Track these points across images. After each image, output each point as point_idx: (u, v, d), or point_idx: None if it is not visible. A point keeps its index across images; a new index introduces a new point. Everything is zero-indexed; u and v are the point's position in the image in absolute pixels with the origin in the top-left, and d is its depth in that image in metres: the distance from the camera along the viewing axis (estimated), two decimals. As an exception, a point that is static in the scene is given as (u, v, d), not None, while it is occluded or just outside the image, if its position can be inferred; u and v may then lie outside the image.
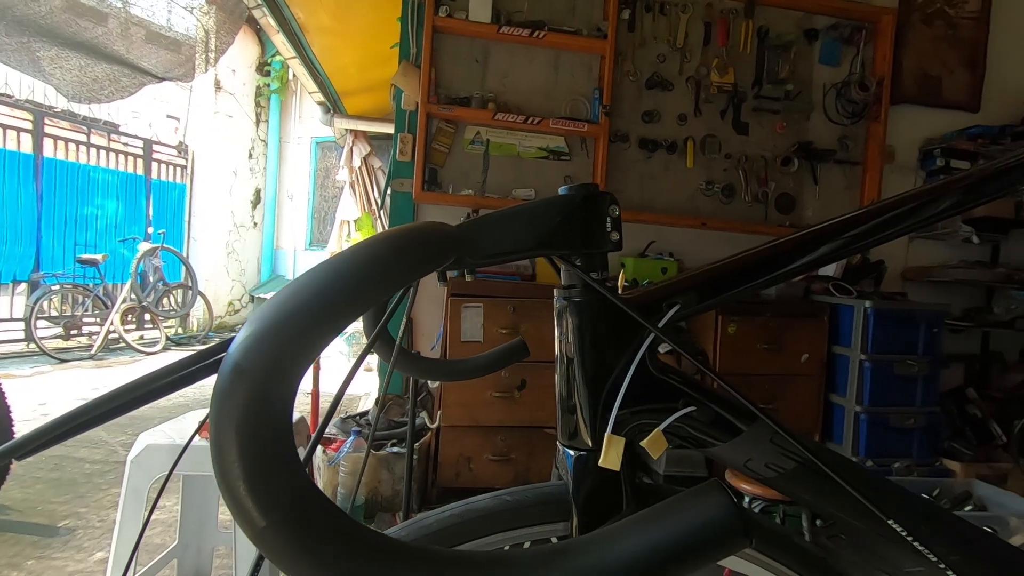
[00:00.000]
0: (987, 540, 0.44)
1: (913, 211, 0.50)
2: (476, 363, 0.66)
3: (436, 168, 2.50)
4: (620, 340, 0.44)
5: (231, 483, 0.19)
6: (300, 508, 0.20)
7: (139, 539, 0.51)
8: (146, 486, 1.28)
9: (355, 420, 2.31)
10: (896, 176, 2.73)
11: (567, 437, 0.45)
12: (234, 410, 0.19)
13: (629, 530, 0.22)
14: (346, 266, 0.20)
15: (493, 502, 0.44)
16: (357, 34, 3.54)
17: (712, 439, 0.45)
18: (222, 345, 0.32)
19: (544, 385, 2.13)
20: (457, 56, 2.50)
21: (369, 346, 0.44)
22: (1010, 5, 2.79)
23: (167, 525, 1.90)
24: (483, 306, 2.10)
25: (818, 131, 2.70)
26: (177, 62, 4.81)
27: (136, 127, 5.78)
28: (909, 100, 2.74)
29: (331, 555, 0.20)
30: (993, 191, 0.51)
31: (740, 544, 0.21)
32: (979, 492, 2.03)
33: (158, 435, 1.35)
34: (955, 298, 2.74)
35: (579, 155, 2.58)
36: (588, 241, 0.43)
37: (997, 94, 2.81)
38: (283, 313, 0.20)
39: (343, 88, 4.68)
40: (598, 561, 0.21)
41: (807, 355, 2.29)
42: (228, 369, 0.19)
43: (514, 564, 0.21)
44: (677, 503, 0.22)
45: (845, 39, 2.68)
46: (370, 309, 0.19)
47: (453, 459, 2.11)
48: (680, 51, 2.59)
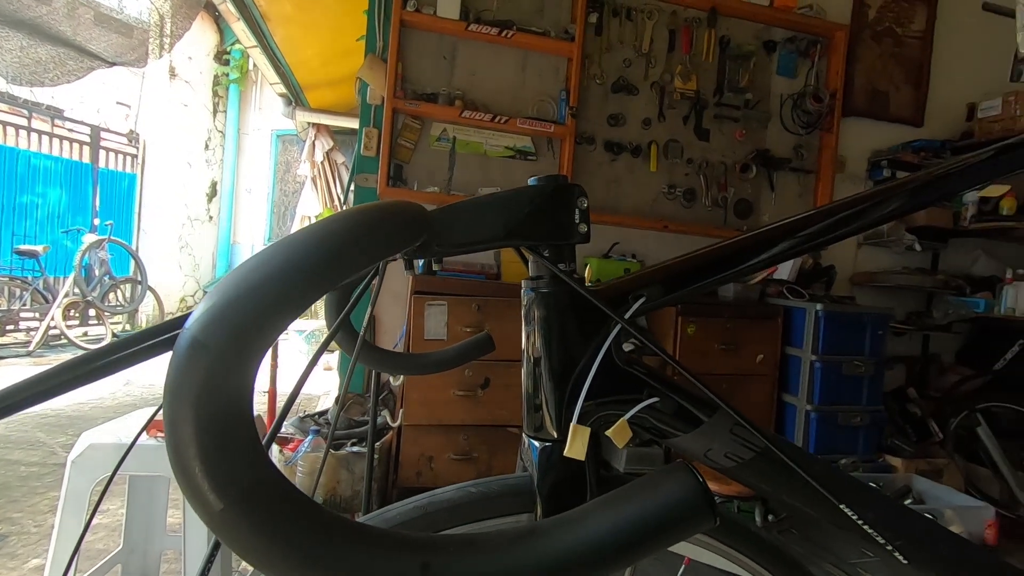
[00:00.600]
0: (929, 527, 0.46)
1: (860, 213, 0.52)
2: (441, 357, 0.65)
3: (402, 164, 2.47)
4: (587, 331, 0.44)
5: (186, 463, 0.18)
6: (260, 490, 0.19)
7: (79, 542, 0.48)
8: (88, 488, 1.22)
9: (314, 419, 2.26)
10: (847, 185, 2.86)
11: (532, 428, 0.45)
12: (191, 386, 0.18)
13: (598, 510, 0.22)
14: (314, 239, 0.19)
15: (458, 493, 0.44)
16: (321, 25, 3.46)
17: (674, 430, 0.46)
18: (178, 320, 0.30)
19: (508, 384, 2.13)
20: (425, 52, 2.48)
21: (332, 335, 0.43)
22: (951, 27, 2.96)
23: (111, 529, 1.81)
24: (447, 304, 2.08)
25: (775, 140, 2.80)
26: (129, 46, 4.59)
27: (83, 113, 5.49)
28: (859, 113, 2.87)
29: (293, 539, 0.19)
30: (930, 197, 0.55)
31: (707, 523, 0.21)
32: (918, 486, 2.14)
33: (102, 434, 1.28)
34: (899, 302, 2.88)
35: (545, 156, 2.59)
36: (556, 232, 0.43)
37: (939, 110, 2.97)
38: (246, 286, 0.19)
39: (306, 80, 4.57)
40: (568, 540, 0.21)
41: (762, 355, 2.36)
42: (185, 344, 0.18)
43: (483, 545, 0.21)
44: (646, 483, 0.22)
45: (801, 52, 2.79)
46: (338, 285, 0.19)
47: (414, 458, 2.09)
48: (645, 57, 2.64)
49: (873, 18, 2.89)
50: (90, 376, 0.28)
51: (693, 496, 0.22)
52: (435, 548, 0.20)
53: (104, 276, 5.15)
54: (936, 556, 0.40)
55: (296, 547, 0.19)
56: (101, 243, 5.09)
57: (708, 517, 0.22)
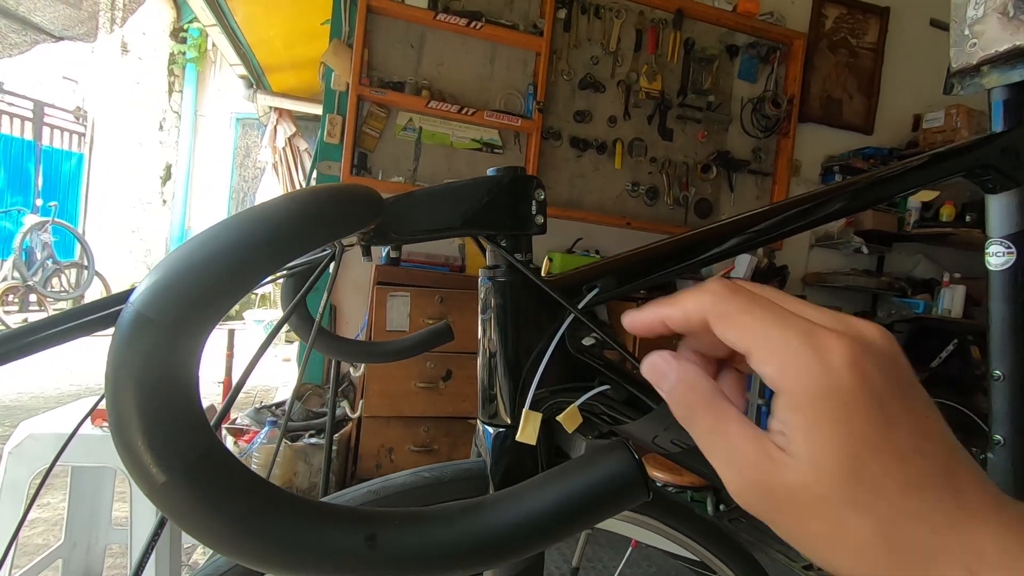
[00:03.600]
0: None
1: (806, 211, 0.55)
2: (399, 345, 0.65)
3: (366, 152, 2.44)
4: (541, 320, 0.45)
5: (128, 438, 0.18)
6: (204, 463, 0.19)
7: (15, 534, 0.47)
8: (27, 479, 1.16)
9: (270, 410, 2.21)
10: (801, 188, 2.97)
11: (487, 415, 0.45)
12: (134, 360, 0.18)
13: (541, 484, 0.23)
14: (265, 215, 0.19)
15: (411, 478, 0.44)
16: (284, 6, 3.36)
17: (624, 416, 0.47)
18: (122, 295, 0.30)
19: (471, 376, 2.13)
20: (392, 39, 2.44)
21: (284, 318, 0.43)
22: (901, 41, 3.10)
23: (51, 524, 1.74)
24: (410, 295, 2.07)
25: (735, 142, 2.88)
26: (78, 19, 4.37)
27: (25, 86, 5.18)
28: (814, 119, 2.98)
29: (237, 512, 0.19)
30: (870, 198, 0.58)
31: (641, 495, 0.23)
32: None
33: (42, 423, 1.22)
34: (847, 302, 3.02)
35: (512, 149, 2.60)
36: (513, 223, 0.44)
37: (888, 120, 3.11)
38: (193, 261, 0.19)
39: (267, 63, 4.43)
40: (511, 512, 0.22)
41: (717, 351, 2.44)
42: (129, 318, 0.18)
43: (429, 518, 0.21)
44: (585, 459, 0.23)
45: (762, 58, 2.87)
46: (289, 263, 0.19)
47: (374, 450, 2.08)
48: (613, 55, 2.67)
49: (829, 28, 3.00)
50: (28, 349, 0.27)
51: (629, 470, 0.23)
52: (381, 520, 0.21)
53: (47, 260, 4.89)
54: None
55: (240, 520, 0.19)
56: (44, 225, 4.83)
57: (642, 490, 0.23)
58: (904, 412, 0.20)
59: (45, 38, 4.15)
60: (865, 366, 0.20)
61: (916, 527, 0.18)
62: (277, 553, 0.20)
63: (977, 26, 0.53)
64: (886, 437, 0.19)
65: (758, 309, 0.21)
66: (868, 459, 0.19)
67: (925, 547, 0.18)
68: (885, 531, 0.19)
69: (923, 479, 0.19)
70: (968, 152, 0.58)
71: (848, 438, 0.19)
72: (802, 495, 0.20)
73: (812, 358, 0.20)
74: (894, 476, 0.19)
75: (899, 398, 0.20)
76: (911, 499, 0.19)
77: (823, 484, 0.19)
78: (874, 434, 0.19)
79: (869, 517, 0.19)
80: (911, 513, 0.18)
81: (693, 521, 0.53)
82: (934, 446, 0.19)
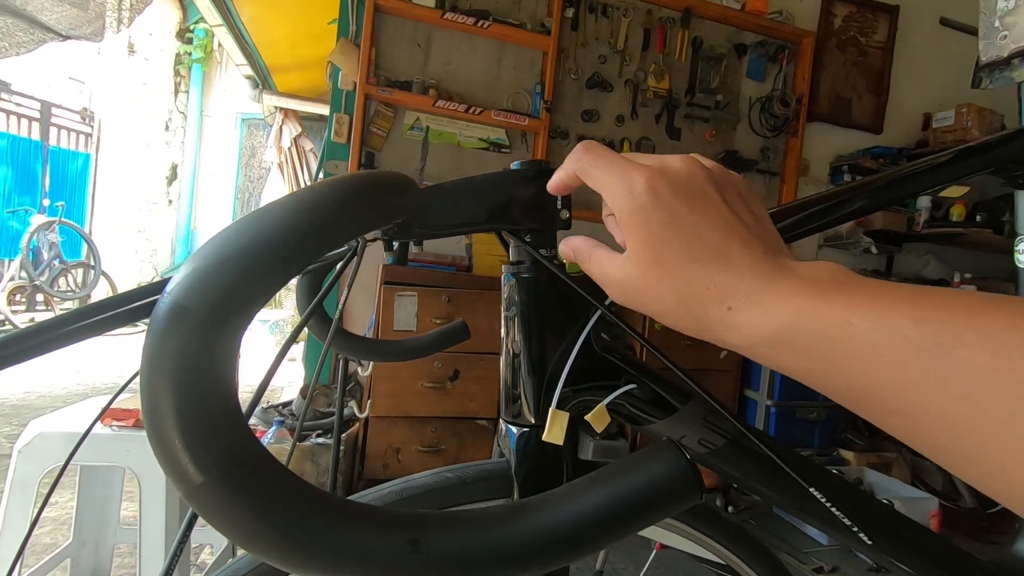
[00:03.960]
0: (887, 511, 0.48)
1: (829, 209, 0.55)
2: (415, 344, 0.64)
3: (373, 152, 2.43)
4: (567, 318, 0.44)
5: (164, 436, 0.17)
6: (243, 463, 0.18)
7: (28, 534, 0.46)
8: (36, 479, 1.16)
9: (277, 410, 2.21)
10: (810, 188, 2.95)
11: (511, 414, 0.44)
12: (171, 353, 0.17)
13: (588, 486, 0.22)
14: (305, 203, 0.18)
15: (434, 478, 0.44)
16: (291, 6, 3.36)
17: (650, 416, 0.46)
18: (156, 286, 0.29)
19: (477, 376, 2.12)
20: (399, 38, 2.44)
21: (307, 317, 0.42)
22: (911, 39, 3.08)
23: (59, 523, 1.74)
24: (417, 295, 2.06)
25: (743, 141, 2.86)
26: (84, 19, 4.37)
27: (32, 87, 5.20)
28: (823, 119, 2.96)
29: (277, 514, 0.18)
30: (895, 195, 0.57)
31: (694, 498, 0.22)
32: (869, 478, 2.23)
33: (51, 422, 1.22)
34: (855, 303, 2.99)
35: (519, 149, 2.59)
36: (538, 218, 0.43)
37: (897, 119, 3.09)
38: (231, 250, 0.18)
39: (273, 63, 4.44)
40: (558, 515, 0.21)
41: (725, 352, 2.42)
42: (165, 309, 0.17)
43: (472, 521, 0.21)
44: (634, 460, 0.22)
45: (770, 56, 2.86)
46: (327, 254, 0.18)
47: (381, 450, 2.07)
48: (620, 54, 2.66)
49: (839, 27, 2.98)
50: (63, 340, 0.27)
51: (681, 472, 0.22)
52: (424, 523, 0.20)
53: (54, 260, 4.91)
54: (897, 537, 0.42)
55: (280, 522, 0.18)
56: (51, 225, 4.85)
57: (695, 492, 0.22)
58: (689, 212, 0.27)
59: (52, 37, 4.15)
60: (657, 186, 0.28)
61: (696, 286, 0.26)
62: (318, 556, 0.19)
63: (1008, 18, 0.52)
64: (673, 232, 0.27)
65: (601, 161, 0.30)
66: (662, 248, 0.27)
67: (702, 298, 0.26)
68: (677, 293, 0.27)
69: (701, 255, 0.27)
70: (998, 146, 0.57)
71: (648, 237, 0.27)
72: (637, 282, 0.28)
73: (624, 188, 0.28)
74: (681, 256, 0.27)
75: (686, 203, 0.27)
76: (692, 269, 0.27)
77: (640, 271, 0.28)
78: (664, 231, 0.27)
79: (666, 285, 0.27)
80: (693, 279, 0.26)
81: (718, 523, 0.51)
82: (713, 231, 0.27)
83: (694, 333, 0.28)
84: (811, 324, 0.23)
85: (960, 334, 0.19)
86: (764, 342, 0.24)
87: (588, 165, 0.30)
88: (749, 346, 0.25)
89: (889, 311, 0.21)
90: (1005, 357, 0.18)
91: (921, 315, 0.20)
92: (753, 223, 0.28)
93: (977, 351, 0.18)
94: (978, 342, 0.18)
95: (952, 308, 0.20)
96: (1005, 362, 0.17)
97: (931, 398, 0.19)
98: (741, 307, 0.25)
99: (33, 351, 0.26)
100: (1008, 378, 0.17)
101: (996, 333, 0.18)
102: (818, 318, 0.22)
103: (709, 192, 0.28)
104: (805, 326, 0.23)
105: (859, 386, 0.21)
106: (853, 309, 0.22)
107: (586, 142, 0.32)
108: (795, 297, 0.24)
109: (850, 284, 0.24)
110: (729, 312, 0.25)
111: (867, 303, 0.22)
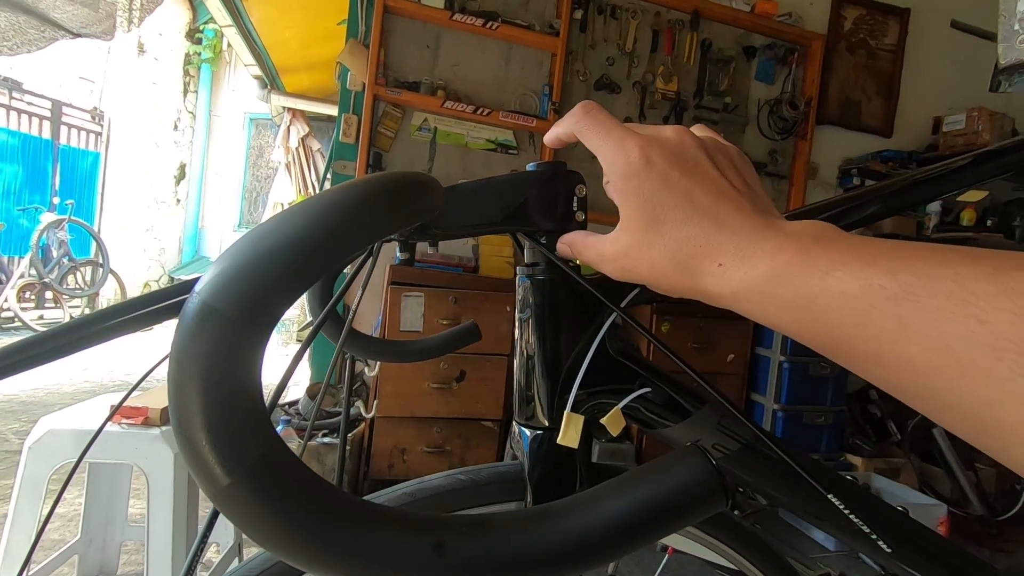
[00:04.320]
0: (902, 518, 0.47)
1: (845, 212, 0.54)
2: (426, 345, 0.64)
3: (381, 152, 2.44)
4: (582, 320, 0.44)
5: (192, 436, 0.17)
6: (269, 465, 0.18)
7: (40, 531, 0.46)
8: (46, 475, 1.17)
9: (283, 409, 2.22)
10: (819, 191, 2.94)
11: (524, 416, 0.44)
12: (200, 354, 0.17)
13: (613, 491, 0.21)
14: (332, 204, 0.18)
15: (447, 480, 0.43)
16: (300, 7, 3.38)
17: (664, 420, 0.46)
18: (185, 285, 0.29)
19: (483, 377, 2.12)
20: (408, 39, 2.44)
21: (324, 318, 0.42)
22: (921, 42, 3.06)
23: (67, 519, 1.75)
24: (424, 296, 2.07)
25: (752, 144, 2.85)
26: (95, 18, 4.40)
27: (43, 86, 5.25)
28: (832, 122, 2.95)
29: (302, 516, 0.18)
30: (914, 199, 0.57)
31: (720, 504, 0.21)
32: (876, 484, 2.22)
33: (61, 420, 1.23)
34: (863, 307, 2.97)
35: (527, 150, 2.59)
36: (554, 219, 0.43)
37: (907, 122, 3.07)
38: (260, 251, 0.18)
39: (282, 64, 4.46)
40: (583, 521, 0.20)
41: (732, 355, 2.41)
42: (194, 308, 0.17)
43: (497, 525, 0.20)
44: (659, 465, 0.22)
45: (779, 59, 2.84)
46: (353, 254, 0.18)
47: (387, 450, 2.07)
48: (629, 56, 2.65)
49: (848, 29, 2.97)
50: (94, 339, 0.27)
51: (707, 477, 0.22)
52: (448, 527, 0.20)
53: (63, 257, 4.95)
54: (914, 545, 0.42)
55: (305, 524, 0.18)
56: (60, 223, 4.89)
57: (721, 498, 0.22)
58: (681, 176, 0.28)
59: (63, 35, 4.18)
60: (650, 154, 0.29)
61: (689, 246, 0.27)
62: (343, 558, 0.19)
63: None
64: (666, 196, 0.28)
65: (598, 126, 0.31)
66: (655, 211, 0.28)
67: (694, 257, 0.27)
68: (671, 252, 0.28)
69: (692, 216, 0.28)
70: (1016, 151, 0.56)
71: (641, 201, 0.29)
72: (631, 249, 0.29)
73: (619, 155, 0.29)
74: (673, 218, 0.28)
75: (677, 169, 0.28)
76: (685, 230, 0.28)
77: (634, 237, 0.29)
78: (656, 195, 0.28)
79: (660, 246, 0.28)
80: (685, 238, 0.28)
81: (731, 528, 0.51)
82: (705, 195, 0.28)
83: (687, 292, 0.29)
84: (794, 277, 0.24)
85: (934, 285, 0.19)
86: (750, 295, 0.26)
87: (585, 128, 0.31)
88: (735, 299, 0.27)
89: (869, 265, 0.22)
90: (975, 305, 0.18)
91: (898, 266, 0.21)
92: (744, 187, 0.29)
93: (949, 300, 0.19)
94: (951, 291, 0.19)
95: (929, 259, 0.20)
96: (975, 310, 0.18)
97: (906, 347, 0.20)
98: (731, 262, 0.26)
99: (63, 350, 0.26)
100: (982, 328, 0.18)
101: (966, 282, 0.19)
102: (801, 271, 0.23)
103: (700, 159, 0.29)
104: (789, 279, 0.24)
105: (840, 335, 0.22)
106: (835, 263, 0.23)
107: (586, 102, 0.32)
108: (781, 252, 0.25)
109: (835, 240, 0.24)
110: (720, 268, 0.26)
111: (849, 257, 0.22)
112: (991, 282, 0.18)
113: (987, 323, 0.18)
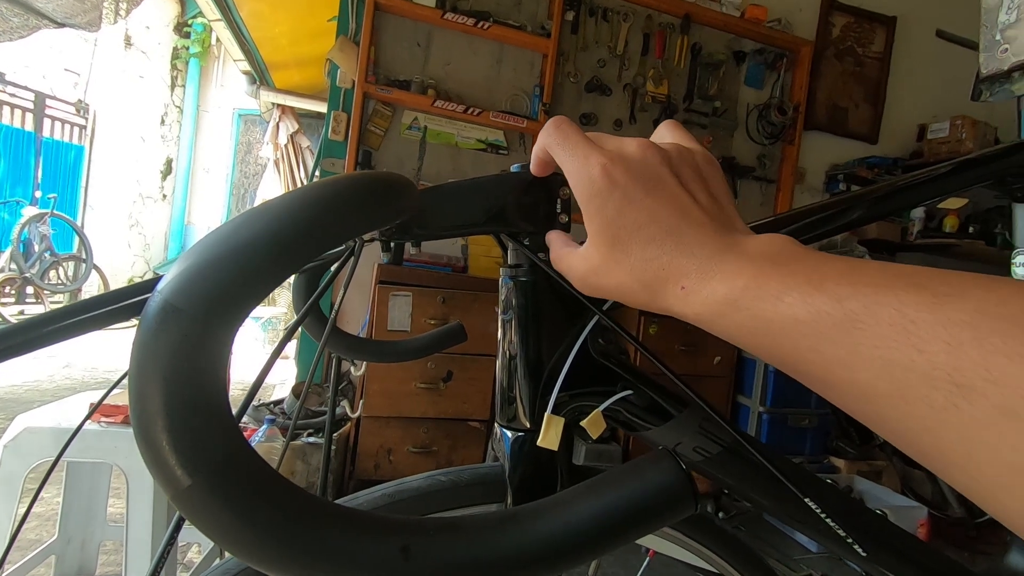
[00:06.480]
0: (880, 522, 0.48)
1: (828, 218, 0.55)
2: (411, 345, 0.64)
3: (370, 151, 2.43)
4: (564, 322, 0.44)
5: (152, 436, 0.17)
6: (231, 466, 0.18)
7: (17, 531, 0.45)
8: (22, 475, 1.15)
9: (268, 408, 2.20)
10: (805, 196, 2.96)
11: (506, 418, 0.44)
12: (161, 353, 0.17)
13: (582, 495, 0.21)
14: (301, 202, 0.18)
15: (427, 481, 0.43)
16: (291, 3, 3.35)
17: (645, 423, 0.46)
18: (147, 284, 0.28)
19: (471, 378, 2.12)
20: (399, 37, 2.43)
21: (302, 316, 0.41)
22: (907, 51, 3.10)
23: (44, 519, 1.72)
24: (412, 295, 2.06)
25: (740, 148, 2.88)
26: (80, 9, 4.33)
27: (27, 78, 5.16)
28: (819, 127, 2.98)
29: (266, 517, 0.18)
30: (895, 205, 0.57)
31: (688, 509, 0.21)
32: (859, 487, 2.24)
33: (38, 417, 1.20)
34: (848, 311, 3.01)
35: (517, 150, 2.58)
36: (538, 221, 0.43)
37: (892, 129, 3.11)
38: (225, 249, 0.17)
39: (272, 59, 4.42)
40: (552, 524, 0.20)
41: (719, 358, 2.43)
42: (156, 308, 0.17)
43: (465, 528, 0.20)
44: (629, 469, 0.22)
45: (769, 64, 2.87)
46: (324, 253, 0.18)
47: (373, 450, 2.06)
48: (620, 58, 2.66)
49: (836, 36, 3.00)
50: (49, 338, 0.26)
51: (677, 482, 0.21)
52: (416, 530, 0.20)
53: (45, 252, 4.86)
54: (890, 549, 0.42)
55: (269, 526, 0.18)
56: (42, 217, 4.81)
57: (690, 503, 0.22)
58: (644, 195, 0.28)
59: (47, 24, 4.10)
60: (613, 172, 0.28)
61: (653, 267, 0.27)
62: (306, 562, 0.18)
63: (1009, 31, 0.52)
64: (629, 216, 0.28)
65: (565, 140, 0.31)
66: (619, 232, 0.28)
67: (658, 279, 0.27)
68: (637, 273, 0.28)
69: (655, 236, 0.27)
70: (998, 159, 0.57)
71: (605, 221, 0.28)
72: (598, 267, 0.30)
73: (583, 173, 0.29)
74: (636, 238, 0.28)
75: (640, 187, 0.28)
76: (648, 250, 0.27)
77: (600, 256, 0.29)
78: (620, 216, 0.28)
79: (625, 266, 0.28)
80: (649, 259, 0.27)
81: (711, 531, 0.51)
82: (668, 214, 0.28)
83: (655, 309, 0.29)
84: (750, 302, 0.24)
85: (879, 312, 0.19)
86: (712, 317, 0.26)
87: (554, 143, 0.31)
88: (699, 320, 0.27)
89: (818, 290, 0.22)
90: (915, 335, 0.18)
91: (846, 292, 0.21)
92: (708, 202, 0.29)
93: (892, 328, 0.19)
94: (893, 320, 0.19)
95: (876, 284, 0.20)
96: (915, 339, 0.18)
97: (855, 373, 0.20)
98: (692, 285, 0.26)
99: (21, 348, 0.26)
100: (920, 357, 0.18)
101: (907, 310, 0.19)
102: (757, 295, 0.24)
103: (664, 175, 0.29)
104: (745, 303, 0.24)
105: (796, 359, 0.23)
106: (787, 287, 0.23)
107: (556, 118, 0.32)
108: (738, 276, 0.25)
109: (789, 261, 0.25)
110: (683, 291, 0.27)
111: (801, 280, 0.23)
112: (930, 310, 0.18)
113: (925, 352, 0.18)
